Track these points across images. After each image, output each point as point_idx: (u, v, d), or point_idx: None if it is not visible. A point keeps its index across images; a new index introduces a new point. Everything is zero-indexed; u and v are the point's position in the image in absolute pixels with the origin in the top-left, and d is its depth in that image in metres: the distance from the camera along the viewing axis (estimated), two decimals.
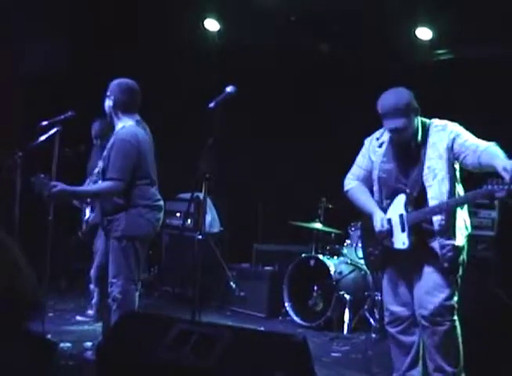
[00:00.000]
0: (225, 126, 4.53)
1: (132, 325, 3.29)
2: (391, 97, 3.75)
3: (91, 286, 5.63)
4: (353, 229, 6.48)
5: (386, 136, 3.92)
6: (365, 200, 3.98)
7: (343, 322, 6.02)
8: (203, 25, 7.34)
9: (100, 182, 4.52)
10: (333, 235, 6.78)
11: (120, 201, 4.26)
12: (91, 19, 7.19)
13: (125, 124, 4.37)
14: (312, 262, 6.41)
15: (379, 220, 3.82)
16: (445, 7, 6.21)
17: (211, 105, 3.98)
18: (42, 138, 5.16)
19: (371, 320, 5.98)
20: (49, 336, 4.68)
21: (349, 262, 6.42)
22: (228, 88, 4.03)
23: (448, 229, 3.68)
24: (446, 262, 3.67)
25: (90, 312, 5.94)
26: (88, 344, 4.80)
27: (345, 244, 6.51)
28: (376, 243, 3.93)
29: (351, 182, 4.09)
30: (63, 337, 5.02)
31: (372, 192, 3.99)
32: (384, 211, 3.86)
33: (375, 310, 6.04)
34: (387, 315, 4.02)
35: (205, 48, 7.56)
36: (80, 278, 6.78)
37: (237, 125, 7.30)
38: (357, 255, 6.48)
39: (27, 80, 7.28)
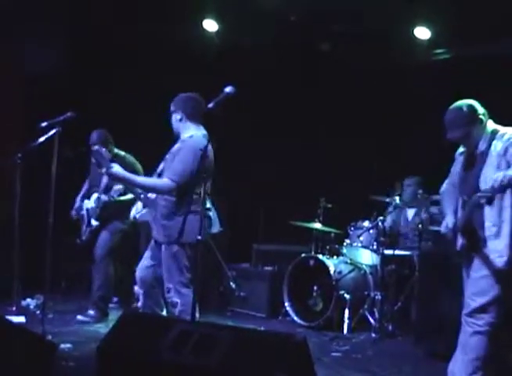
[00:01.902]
0: (225, 126, 4.55)
1: (133, 325, 3.30)
2: (451, 111, 3.90)
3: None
4: (352, 228, 6.49)
5: None
6: (446, 203, 4.18)
7: (343, 322, 6.02)
8: (201, 25, 7.34)
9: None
10: (332, 235, 6.78)
11: (173, 207, 4.36)
12: (91, 20, 7.18)
13: (194, 134, 4.47)
14: (312, 262, 6.42)
15: (444, 223, 4.04)
16: (443, 6, 6.22)
17: (210, 105, 3.98)
18: (42, 139, 5.17)
19: (371, 320, 5.99)
20: (49, 337, 4.69)
21: (349, 261, 6.43)
22: (227, 89, 4.02)
23: (498, 236, 3.73)
24: (492, 268, 3.73)
25: (91, 312, 5.94)
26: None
27: (345, 244, 6.52)
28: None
29: (444, 186, 4.28)
30: (63, 338, 5.01)
31: None
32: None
33: (375, 310, 6.05)
34: None
35: (204, 49, 7.56)
36: (80, 279, 6.78)
37: (237, 126, 7.30)
38: (356, 254, 6.52)
39: (26, 80, 7.27)
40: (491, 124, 3.90)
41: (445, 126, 3.91)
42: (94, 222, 6.00)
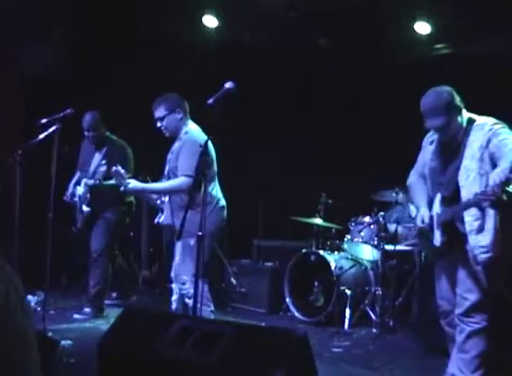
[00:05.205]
0: (225, 123, 4.54)
1: (134, 321, 3.30)
2: (430, 97, 3.78)
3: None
4: (353, 224, 6.48)
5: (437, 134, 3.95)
6: (417, 195, 4.09)
7: (344, 317, 6.01)
8: (201, 21, 7.33)
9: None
10: (333, 230, 6.79)
11: (188, 201, 4.39)
12: (91, 19, 7.16)
13: (189, 129, 4.67)
14: (313, 258, 6.42)
15: (419, 216, 3.94)
16: (443, 1, 6.20)
17: (210, 101, 3.98)
18: (41, 136, 5.17)
19: (372, 315, 5.99)
20: (50, 333, 4.69)
21: (350, 257, 6.43)
22: (227, 85, 4.02)
23: (481, 231, 3.63)
24: (478, 265, 3.65)
25: (87, 309, 5.93)
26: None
27: (345, 239, 6.51)
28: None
29: (411, 178, 4.20)
30: (64, 334, 5.01)
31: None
32: (431, 207, 3.94)
33: (376, 305, 6.05)
34: (438, 307, 4.11)
35: (203, 45, 7.54)
36: (81, 275, 6.78)
37: (237, 121, 7.29)
38: (357, 250, 6.51)
39: (27, 80, 7.26)
40: (465, 113, 3.79)
41: (423, 113, 3.78)
42: (85, 208, 5.94)
